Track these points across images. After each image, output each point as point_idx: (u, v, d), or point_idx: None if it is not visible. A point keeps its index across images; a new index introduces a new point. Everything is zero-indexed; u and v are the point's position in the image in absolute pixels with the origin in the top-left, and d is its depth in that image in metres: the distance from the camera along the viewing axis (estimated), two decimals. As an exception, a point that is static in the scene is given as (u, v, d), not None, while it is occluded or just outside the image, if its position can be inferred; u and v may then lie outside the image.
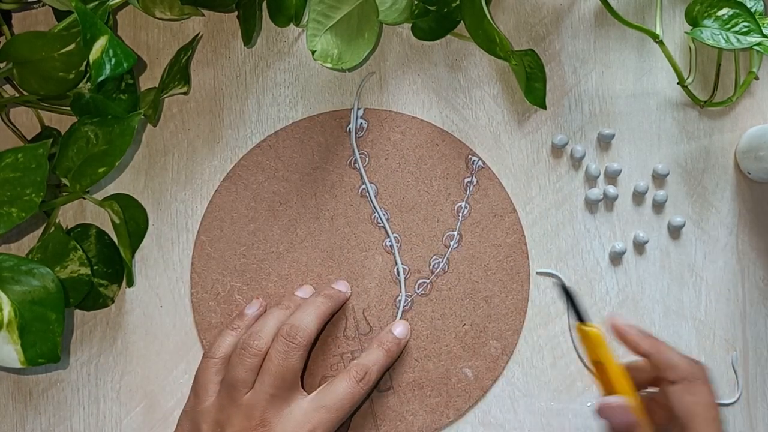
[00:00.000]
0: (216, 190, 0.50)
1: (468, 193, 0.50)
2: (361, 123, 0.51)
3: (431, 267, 0.50)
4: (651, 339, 0.43)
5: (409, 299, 0.49)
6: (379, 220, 0.50)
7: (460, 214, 0.50)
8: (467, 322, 0.49)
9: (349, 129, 0.51)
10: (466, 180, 0.50)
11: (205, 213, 0.50)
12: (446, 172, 0.50)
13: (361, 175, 0.50)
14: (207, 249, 0.50)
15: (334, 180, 0.50)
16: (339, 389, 0.44)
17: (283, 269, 0.50)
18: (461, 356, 0.49)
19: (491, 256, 0.50)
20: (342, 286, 0.49)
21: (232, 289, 0.49)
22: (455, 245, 0.50)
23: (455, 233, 0.50)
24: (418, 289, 0.50)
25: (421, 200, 0.50)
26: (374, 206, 0.50)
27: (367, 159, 0.50)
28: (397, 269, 0.50)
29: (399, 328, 0.48)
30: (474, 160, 0.50)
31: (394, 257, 0.50)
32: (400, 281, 0.50)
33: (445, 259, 0.50)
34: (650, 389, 0.43)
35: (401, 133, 0.51)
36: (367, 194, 0.50)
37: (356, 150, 0.50)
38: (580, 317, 0.43)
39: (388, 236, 0.50)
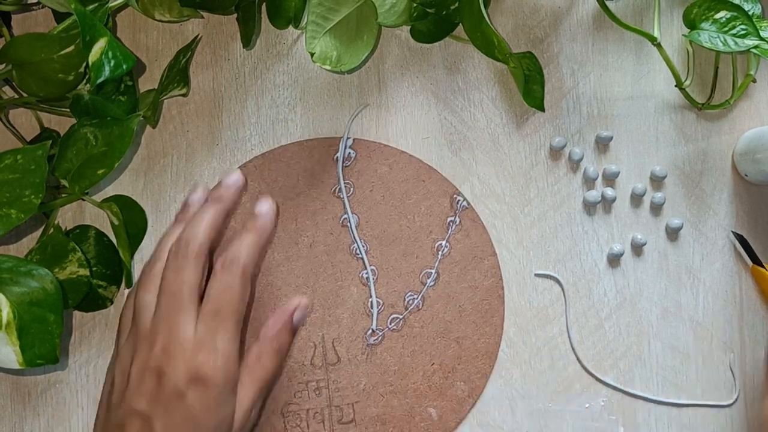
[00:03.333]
0: None
1: (450, 232, 0.50)
2: (350, 153, 0.50)
3: (405, 303, 0.49)
4: None
5: (381, 333, 0.49)
6: (358, 252, 0.50)
7: (440, 252, 0.50)
8: (437, 361, 0.49)
9: (337, 157, 0.50)
10: (449, 219, 0.50)
11: None
12: (430, 210, 0.50)
13: (344, 205, 0.50)
14: None
15: (317, 207, 0.50)
16: (213, 290, 0.41)
17: (256, 291, 0.49)
18: (427, 395, 0.49)
19: (467, 298, 0.50)
20: (232, 178, 0.44)
21: None
22: (432, 283, 0.50)
23: (433, 271, 0.50)
24: (390, 323, 0.49)
25: (402, 235, 0.50)
26: (354, 237, 0.50)
27: (352, 189, 0.50)
28: (371, 302, 0.49)
29: (263, 205, 0.44)
30: (459, 200, 0.50)
31: (370, 290, 0.49)
32: (372, 314, 0.49)
33: (420, 296, 0.49)
34: None
35: (389, 166, 0.50)
36: (348, 224, 0.50)
37: (341, 179, 0.50)
38: (754, 260, 0.50)
39: (366, 268, 0.49)
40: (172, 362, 0.39)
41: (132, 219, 0.49)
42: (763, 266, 0.50)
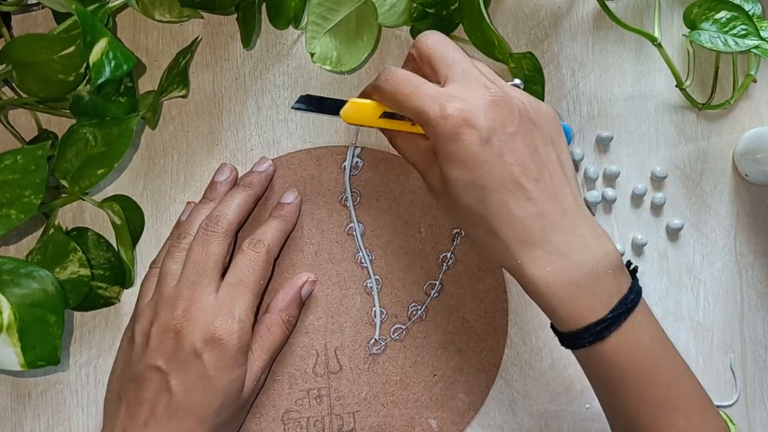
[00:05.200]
0: None
1: (455, 244, 0.50)
2: (357, 161, 0.50)
3: (409, 313, 0.49)
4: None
5: (383, 343, 0.49)
6: (363, 261, 0.49)
7: (445, 264, 0.50)
8: (438, 372, 0.49)
9: (344, 166, 0.50)
10: (455, 231, 0.50)
11: None
12: (436, 221, 0.50)
13: (351, 213, 0.50)
14: None
15: (323, 215, 0.50)
16: (238, 264, 0.44)
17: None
18: (428, 406, 0.48)
19: (470, 310, 0.49)
20: (263, 166, 0.49)
21: None
22: (436, 294, 0.49)
23: (437, 282, 0.49)
24: (393, 333, 0.49)
25: (408, 245, 0.50)
26: (359, 246, 0.49)
27: (358, 198, 0.50)
28: (375, 311, 0.49)
29: (289, 196, 0.49)
30: None
31: (374, 299, 0.49)
32: (376, 324, 0.49)
33: (423, 307, 0.49)
34: None
35: (396, 175, 0.50)
36: (354, 233, 0.50)
37: (348, 187, 0.50)
38: (335, 111, 0.44)
39: (370, 277, 0.49)
40: (191, 324, 0.42)
41: (130, 219, 0.49)
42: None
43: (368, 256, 0.50)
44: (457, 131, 0.38)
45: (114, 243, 0.48)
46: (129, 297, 0.49)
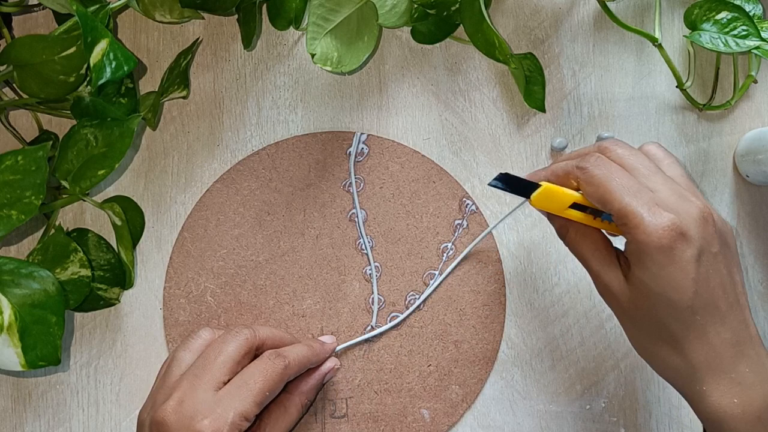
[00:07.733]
0: (207, 190, 0.50)
1: (456, 235, 0.50)
2: (362, 148, 0.51)
3: (407, 302, 0.49)
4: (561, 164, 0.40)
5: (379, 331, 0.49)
6: (363, 247, 0.50)
7: (445, 254, 0.50)
8: (433, 363, 0.49)
9: (350, 152, 0.51)
10: (457, 222, 0.50)
11: (193, 210, 0.50)
12: (438, 211, 0.50)
13: (354, 200, 0.50)
14: (187, 246, 0.49)
15: (326, 199, 0.50)
16: (251, 368, 0.41)
17: (259, 279, 0.49)
18: (421, 396, 0.49)
19: (468, 302, 0.50)
20: (330, 346, 0.48)
21: (206, 290, 0.49)
22: (434, 284, 0.50)
23: (436, 273, 0.50)
24: (389, 321, 0.49)
25: (409, 234, 0.50)
26: (361, 232, 0.50)
27: (362, 184, 0.50)
28: (373, 298, 0.49)
29: (329, 338, 0.48)
30: (468, 204, 0.50)
31: (372, 286, 0.49)
32: (373, 311, 0.49)
33: (421, 297, 0.49)
34: None
35: (400, 164, 0.51)
36: (355, 219, 0.50)
37: (353, 173, 0.50)
38: (526, 193, 0.40)
39: (370, 264, 0.50)
40: (180, 419, 0.39)
41: (130, 220, 0.49)
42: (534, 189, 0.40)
43: (369, 242, 0.50)
44: (672, 244, 0.35)
45: (114, 244, 0.48)
46: (129, 298, 0.49)
